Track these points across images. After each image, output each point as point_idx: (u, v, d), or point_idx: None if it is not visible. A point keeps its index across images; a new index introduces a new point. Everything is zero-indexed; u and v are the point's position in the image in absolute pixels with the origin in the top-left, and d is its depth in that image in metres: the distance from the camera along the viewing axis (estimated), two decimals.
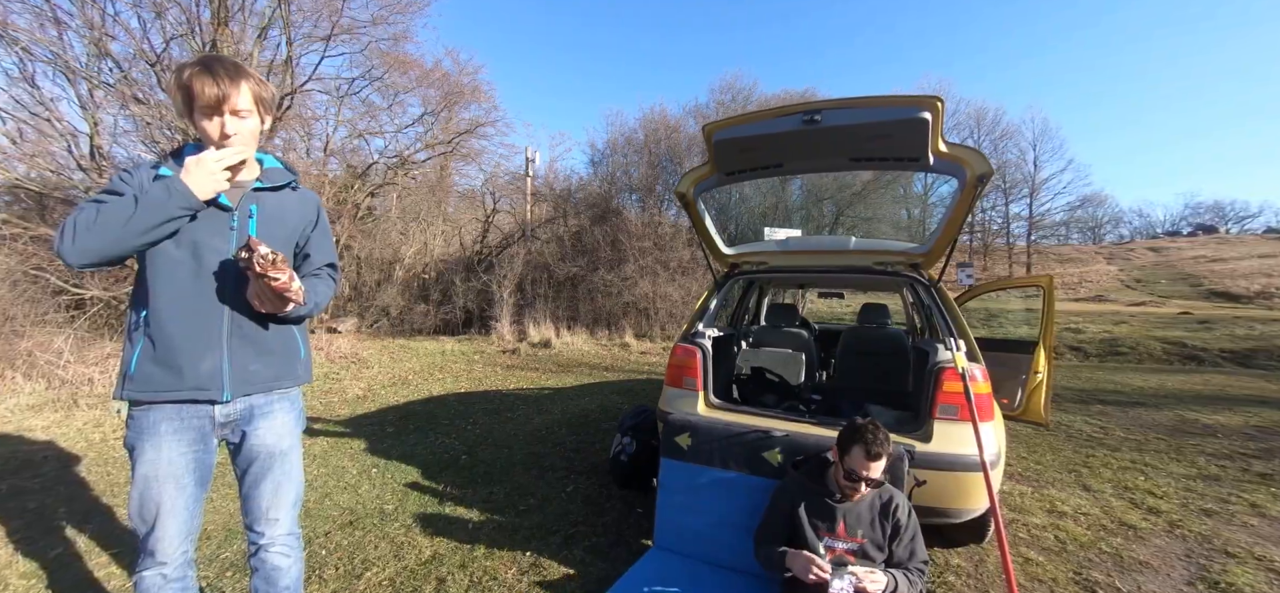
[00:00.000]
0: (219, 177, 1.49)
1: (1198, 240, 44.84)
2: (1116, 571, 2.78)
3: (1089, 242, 48.34)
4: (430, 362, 9.53)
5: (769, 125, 2.44)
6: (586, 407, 6.09)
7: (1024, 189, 40.17)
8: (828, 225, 15.67)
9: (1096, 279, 34.05)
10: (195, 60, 1.53)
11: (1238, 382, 8.72)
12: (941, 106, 2.19)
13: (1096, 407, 6.70)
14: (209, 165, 1.46)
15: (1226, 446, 5.09)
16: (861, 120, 2.27)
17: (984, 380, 2.33)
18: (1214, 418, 6.17)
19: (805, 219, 15.04)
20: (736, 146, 2.61)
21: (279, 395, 1.75)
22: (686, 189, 3.01)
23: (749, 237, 14.28)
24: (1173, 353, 11.20)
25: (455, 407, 6.06)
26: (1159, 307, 21.62)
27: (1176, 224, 56.78)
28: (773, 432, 2.34)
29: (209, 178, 1.47)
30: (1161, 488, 3.94)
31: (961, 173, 2.41)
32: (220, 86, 1.48)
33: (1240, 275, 29.42)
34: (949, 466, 2.24)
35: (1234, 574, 2.80)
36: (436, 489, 3.64)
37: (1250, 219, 53.50)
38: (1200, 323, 14.42)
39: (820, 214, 15.54)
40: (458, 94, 19.31)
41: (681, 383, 2.86)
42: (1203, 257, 36.10)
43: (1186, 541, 3.15)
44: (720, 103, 23.52)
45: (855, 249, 3.17)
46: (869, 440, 1.85)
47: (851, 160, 2.69)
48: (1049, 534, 3.15)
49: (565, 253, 14.26)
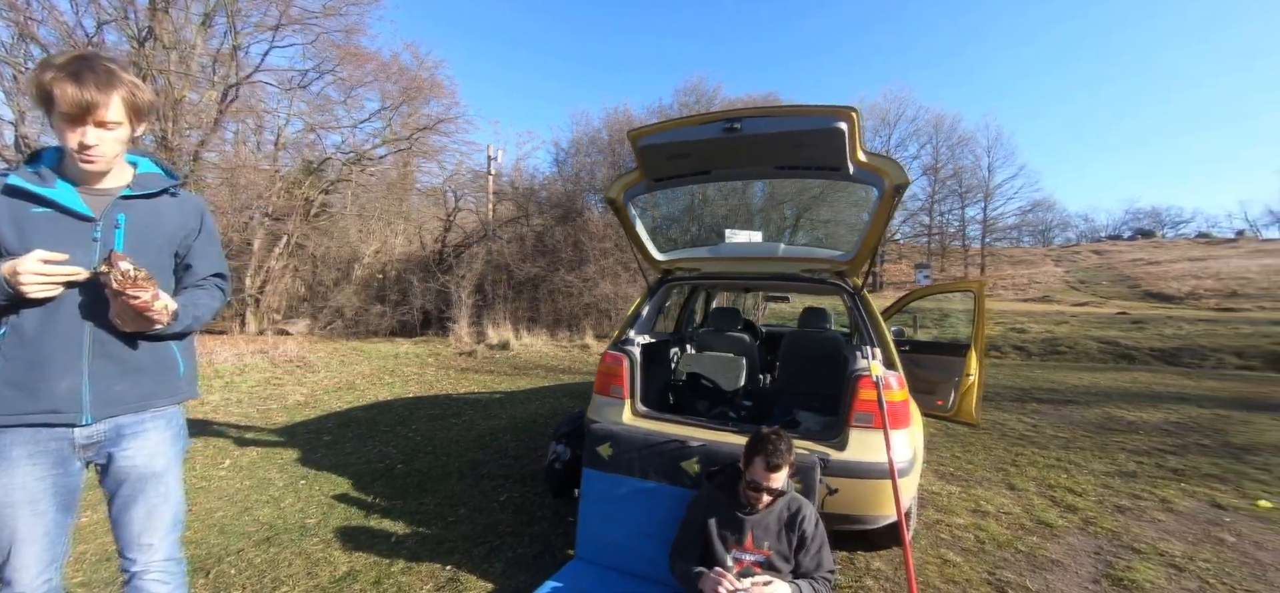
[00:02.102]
0: (46, 287, 1.37)
1: (1136, 244, 47.52)
2: (1028, 570, 2.88)
3: (1038, 244, 50.62)
4: (382, 365, 9.26)
5: (692, 132, 2.43)
6: (536, 411, 6.00)
7: (979, 194, 41.84)
8: (789, 226, 15.95)
9: (1044, 280, 35.67)
10: (63, 60, 1.39)
11: (1163, 379, 9.24)
12: (857, 117, 2.22)
13: (1032, 405, 6.99)
14: (37, 271, 1.34)
15: (1146, 442, 5.37)
16: (781, 129, 2.29)
17: (899, 388, 2.38)
18: (1138, 415, 6.51)
19: (766, 222, 15.27)
20: (663, 153, 2.60)
21: (153, 415, 1.64)
22: (616, 195, 2.99)
23: (712, 239, 14.39)
24: (1107, 352, 11.81)
25: (400, 413, 5.89)
26: (1099, 307, 22.80)
27: (1118, 228, 59.98)
28: (690, 442, 2.33)
29: (35, 284, 1.35)
30: (1081, 485, 4.12)
31: (880, 183, 2.45)
32: (86, 94, 1.36)
33: (1172, 278, 31.29)
34: (863, 473, 2.27)
35: (1137, 570, 2.93)
36: (365, 501, 3.51)
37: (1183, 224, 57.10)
38: (1134, 323, 15.27)
39: (781, 217, 15.80)
40: (417, 89, 18.86)
41: (609, 391, 2.84)
42: (1140, 259, 38.24)
43: (1097, 538, 3.29)
44: (684, 104, 23.61)
45: (784, 256, 3.20)
46: (769, 452, 1.85)
47: (776, 168, 2.71)
48: (970, 534, 3.24)
49: (527, 253, 14.10)
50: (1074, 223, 57.70)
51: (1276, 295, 25.81)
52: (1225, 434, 5.70)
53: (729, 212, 15.37)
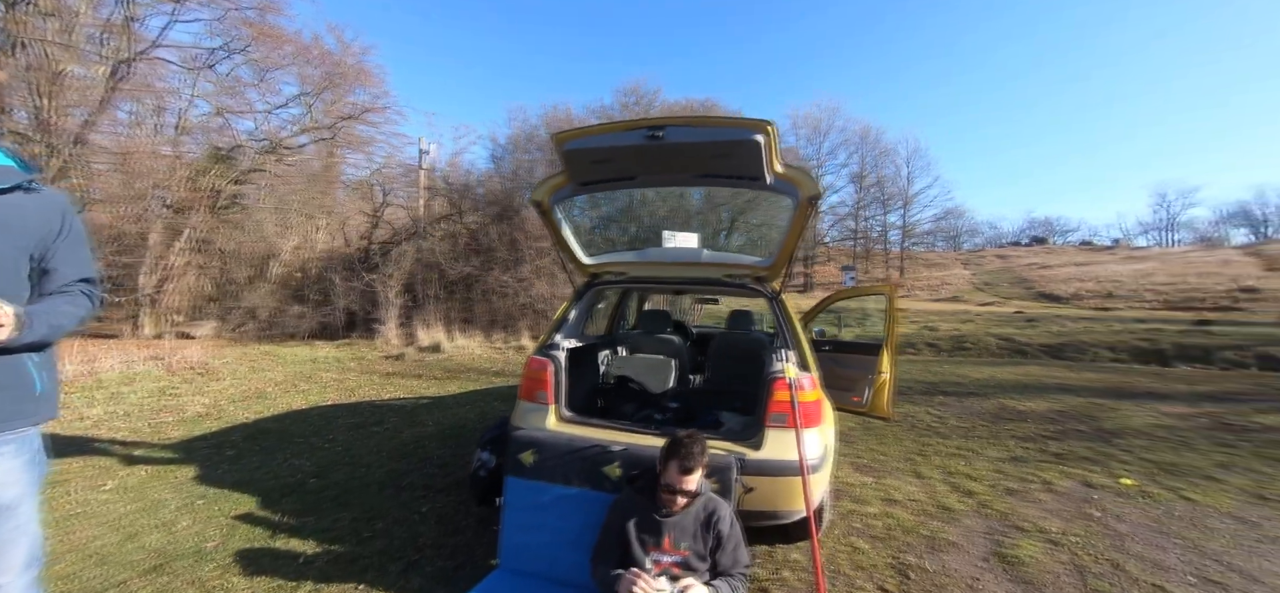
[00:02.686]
0: None
1: (1032, 250, 52.57)
2: (928, 552, 3.12)
3: (950, 248, 54.84)
4: (298, 371, 8.66)
5: (616, 138, 2.45)
6: (466, 416, 5.83)
7: (899, 201, 44.84)
8: (724, 229, 16.41)
9: (954, 282, 38.70)
10: None
11: (1050, 372, 10.28)
12: (774, 131, 2.33)
13: (939, 398, 7.57)
14: None
15: (1033, 429, 5.94)
16: (702, 139, 2.36)
17: (811, 389, 2.52)
18: (1027, 405, 7.20)
19: (703, 224, 15.63)
20: (587, 157, 2.61)
21: (2, 439, 1.46)
22: (542, 198, 2.96)
23: (652, 239, 14.54)
24: (1005, 348, 12.99)
25: (315, 422, 5.54)
26: (1000, 306, 25.03)
27: (1018, 235, 66.03)
28: (612, 446, 2.35)
29: None
30: (978, 472, 4.50)
31: (796, 193, 2.58)
32: None
33: (1061, 280, 34.85)
34: (777, 471, 2.38)
35: (1021, 547, 3.24)
36: (272, 520, 3.28)
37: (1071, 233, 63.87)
38: (1028, 321, 16.89)
39: (718, 220, 16.22)
40: (342, 75, 17.81)
41: (534, 397, 2.81)
42: (1035, 264, 42.33)
43: (989, 519, 3.61)
44: (624, 105, 23.69)
45: (707, 261, 3.31)
46: (683, 456, 1.90)
47: (699, 176, 2.79)
48: (880, 522, 3.47)
49: (460, 252, 13.64)
50: (981, 229, 63.06)
51: (1143, 296, 29.35)
52: (1098, 421, 6.42)
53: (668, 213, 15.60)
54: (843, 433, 5.38)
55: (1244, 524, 3.63)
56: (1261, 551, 3.27)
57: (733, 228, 16.55)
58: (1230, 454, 5.15)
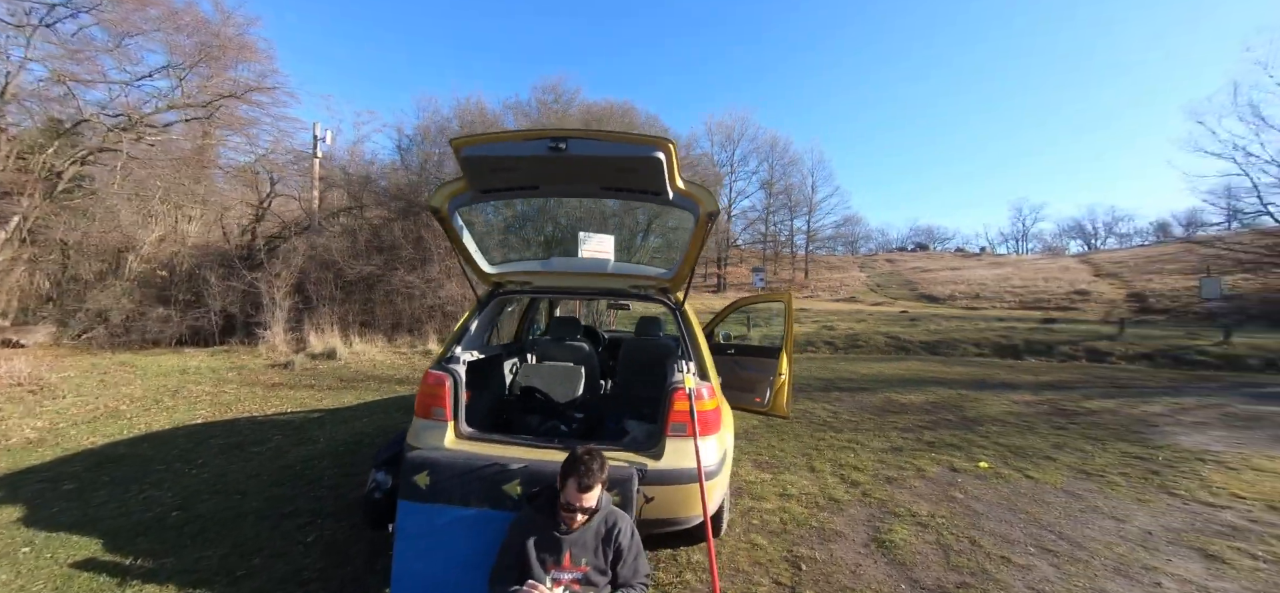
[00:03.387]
0: None
1: (916, 254, 58.31)
2: (818, 543, 3.37)
3: (849, 253, 59.36)
4: (162, 384, 7.64)
5: (516, 147, 2.41)
6: (363, 430, 5.45)
7: (804, 208, 47.85)
8: (641, 230, 16.63)
9: (851, 284, 42.00)
10: None
11: (928, 367, 11.47)
12: (674, 148, 2.40)
13: (834, 394, 8.18)
14: None
15: (911, 420, 6.60)
16: (604, 153, 2.38)
17: (710, 398, 2.63)
18: (907, 398, 7.98)
19: (619, 226, 15.73)
20: (487, 165, 2.54)
21: None
22: (440, 204, 2.84)
23: (568, 240, 14.39)
24: (891, 345, 14.30)
25: (181, 445, 4.92)
26: (889, 307, 27.52)
27: (904, 241, 72.96)
28: (512, 463, 2.31)
29: None
30: (863, 463, 4.92)
31: (696, 209, 2.68)
32: None
33: (939, 283, 38.94)
34: (677, 479, 2.46)
35: (896, 531, 3.58)
36: (121, 564, 2.87)
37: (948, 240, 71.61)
38: (911, 321, 18.72)
39: (635, 222, 16.41)
40: (221, 48, 15.96)
41: (430, 414, 2.69)
42: (918, 267, 46.93)
43: (870, 507, 3.96)
44: (542, 102, 23.26)
45: (613, 272, 3.35)
46: (581, 473, 1.92)
47: (602, 189, 2.81)
48: (776, 517, 3.69)
49: (360, 249, 12.69)
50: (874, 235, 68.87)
51: (1003, 297, 33.58)
52: (963, 410, 7.25)
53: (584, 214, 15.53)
54: (746, 432, 5.66)
55: (1072, 497, 4.26)
56: (1085, 519, 3.86)
57: (649, 229, 16.83)
58: (1063, 436, 6.03)
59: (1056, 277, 37.60)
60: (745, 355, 4.96)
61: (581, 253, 7.59)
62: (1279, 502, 4.21)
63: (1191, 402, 8.16)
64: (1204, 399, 8.43)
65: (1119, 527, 3.75)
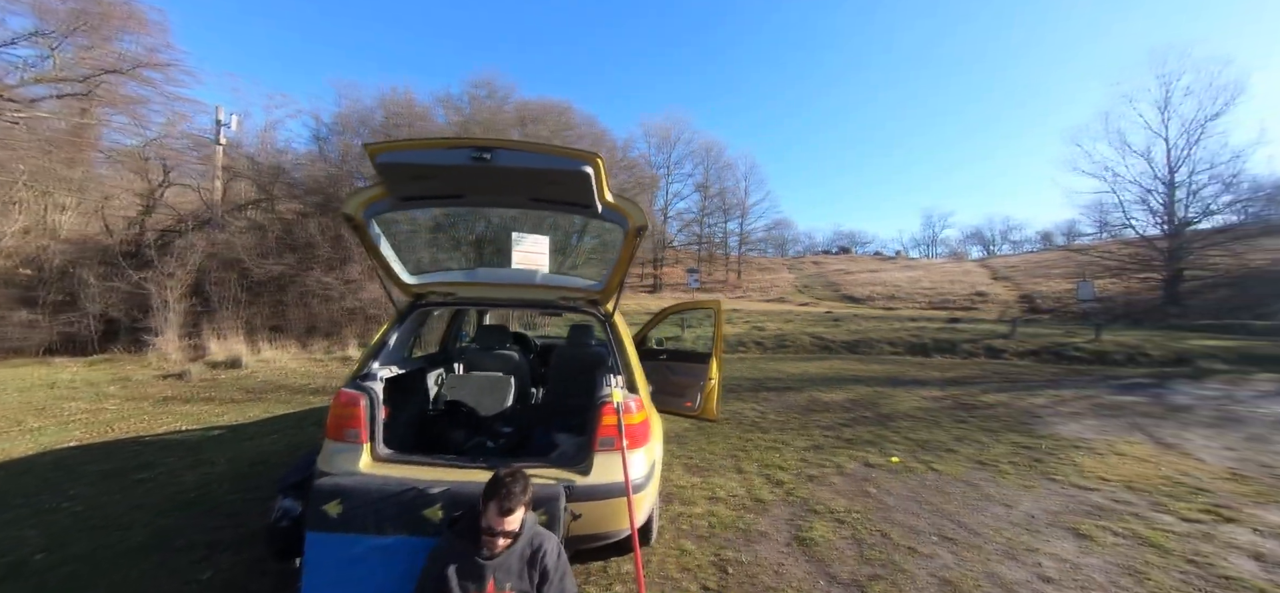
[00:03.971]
0: None
1: (840, 257, 61.77)
2: (744, 545, 3.48)
3: (779, 255, 61.95)
4: (25, 400, 6.70)
5: (438, 156, 2.31)
6: (271, 449, 5.03)
7: (738, 211, 49.42)
8: (577, 231, 16.52)
9: (781, 285, 43.84)
10: None
11: (848, 365, 12.18)
12: (602, 163, 2.39)
13: (763, 394, 8.50)
14: None
15: (832, 418, 6.97)
16: (531, 165, 2.33)
17: (638, 411, 2.64)
18: (829, 396, 8.43)
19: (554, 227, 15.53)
20: (407, 172, 2.41)
21: None
22: (354, 211, 2.66)
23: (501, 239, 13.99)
24: (816, 344, 15.07)
25: (48, 473, 4.33)
26: (815, 307, 28.97)
27: (830, 244, 77.08)
28: (431, 487, 2.21)
29: None
30: (787, 462, 5.14)
31: (625, 223, 2.69)
32: None
33: (860, 284, 41.48)
34: (605, 494, 2.46)
35: (816, 528, 3.76)
36: None
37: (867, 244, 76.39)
38: (834, 321, 19.80)
39: (569, 223, 16.27)
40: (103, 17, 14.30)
41: (343, 436, 2.52)
42: (841, 269, 49.74)
43: (793, 506, 4.14)
44: (474, 98, 22.55)
45: (541, 283, 3.29)
46: (502, 496, 1.87)
47: (530, 200, 2.76)
48: (704, 521, 3.78)
49: (270, 247, 11.71)
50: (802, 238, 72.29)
51: (915, 298, 36.26)
52: (878, 406, 7.76)
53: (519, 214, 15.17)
54: (678, 435, 5.76)
55: (970, 486, 4.66)
56: (981, 507, 4.22)
57: (585, 230, 16.75)
58: (963, 429, 6.59)
59: (960, 279, 41.11)
60: (677, 361, 5.06)
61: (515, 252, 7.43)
62: (1136, 483, 4.81)
63: (1069, 394, 9.18)
64: (1079, 391, 9.51)
65: (1008, 513, 4.14)
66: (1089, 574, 3.24)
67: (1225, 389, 10.21)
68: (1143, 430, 6.73)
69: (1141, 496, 4.51)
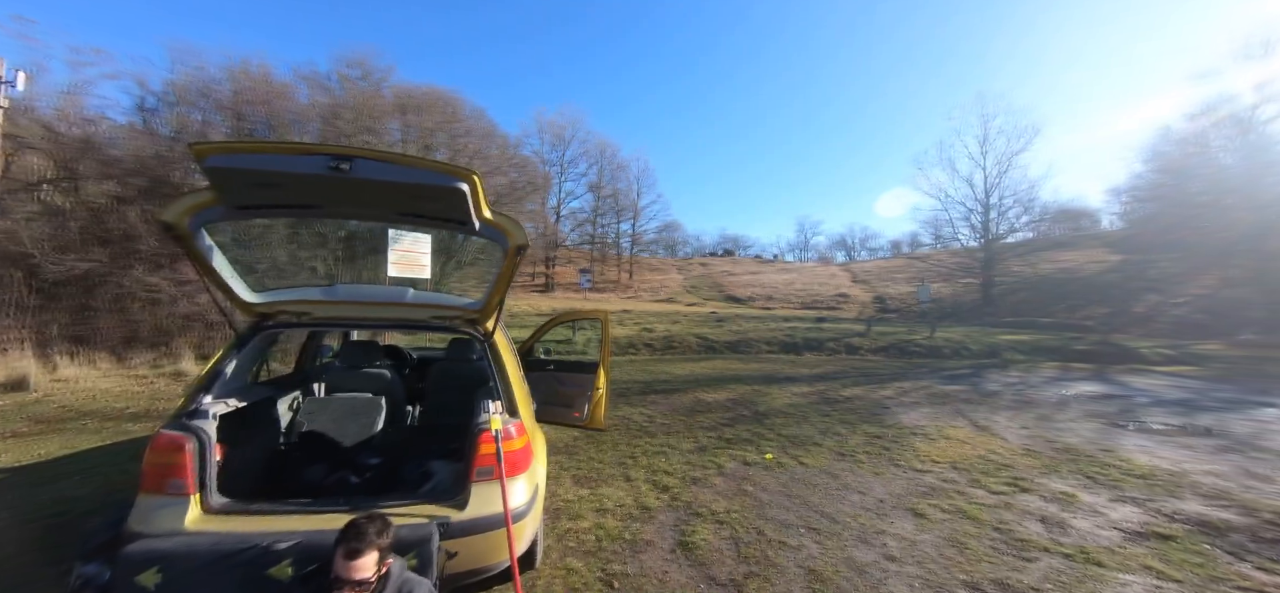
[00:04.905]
0: None
1: (724, 260, 65.44)
2: (630, 556, 3.53)
3: (669, 256, 64.11)
4: None
5: (283, 162, 2.02)
6: (74, 495, 4.14)
7: (630, 212, 50.27)
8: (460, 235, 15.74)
9: (670, 286, 45.39)
10: None
11: (730, 365, 12.93)
12: (479, 181, 2.27)
13: (651, 397, 8.72)
14: None
15: (715, 419, 7.34)
16: (398, 179, 2.14)
17: (519, 436, 2.55)
18: (712, 396, 8.88)
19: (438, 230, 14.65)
20: (246, 178, 2.09)
21: None
22: (176, 220, 2.25)
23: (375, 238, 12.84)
24: (701, 345, 15.81)
25: None
26: (701, 307, 30.38)
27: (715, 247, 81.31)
28: (279, 541, 1.95)
29: None
30: (673, 466, 5.31)
31: (505, 241, 2.58)
32: None
33: (742, 285, 44.26)
34: (485, 527, 2.34)
35: (697, 531, 3.93)
36: None
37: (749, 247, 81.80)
38: (718, 321, 20.92)
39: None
40: None
41: (164, 488, 2.13)
42: (726, 271, 52.70)
43: (677, 511, 4.29)
44: (345, 78, 20.51)
45: (412, 302, 3.05)
46: (349, 539, 1.72)
47: (397, 215, 2.56)
48: (592, 536, 3.77)
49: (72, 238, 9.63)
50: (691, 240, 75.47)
51: (790, 300, 39.51)
52: (756, 405, 8.32)
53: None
54: (567, 446, 5.71)
55: (831, 477, 5.15)
56: (841, 496, 4.69)
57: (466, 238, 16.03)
58: (827, 422, 7.30)
59: (827, 282, 45.56)
60: (565, 371, 5.01)
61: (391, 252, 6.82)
62: (959, 463, 5.65)
63: (909, 385, 10.57)
64: (917, 383, 10.99)
65: (862, 499, 4.65)
66: (923, 550, 3.74)
67: (1022, 377, 12.43)
68: (964, 416, 7.95)
69: (963, 473, 5.32)
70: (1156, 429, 7.38)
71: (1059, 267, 36.27)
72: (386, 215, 2.57)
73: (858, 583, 3.31)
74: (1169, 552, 3.73)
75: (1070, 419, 7.92)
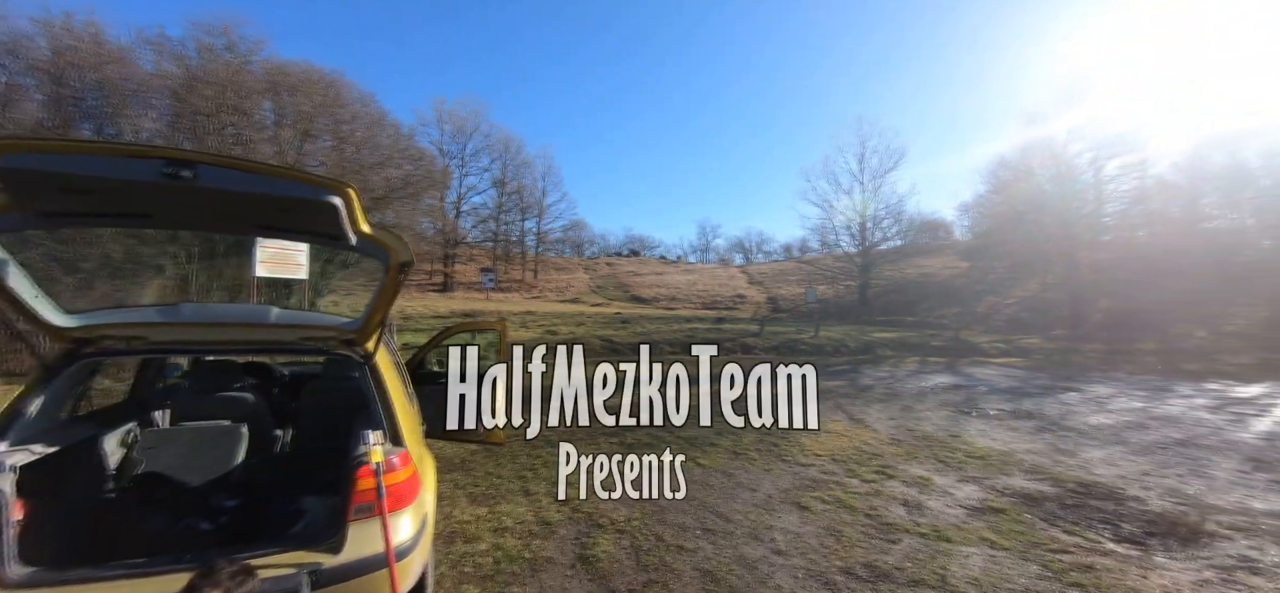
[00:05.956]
0: None
1: (630, 260, 66.32)
2: (530, 575, 3.45)
3: (575, 255, 63.66)
4: None
5: (104, 165, 1.67)
6: None
7: (535, 210, 49.19)
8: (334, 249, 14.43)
9: (576, 286, 45.12)
10: None
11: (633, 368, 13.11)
12: (355, 195, 2.06)
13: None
14: None
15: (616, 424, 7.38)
16: (255, 189, 1.88)
17: (403, 467, 2.36)
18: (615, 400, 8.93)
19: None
20: (50, 182, 1.71)
21: None
22: None
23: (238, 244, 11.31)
24: (605, 347, 15.89)
25: None
26: (607, 307, 30.53)
27: (621, 247, 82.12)
28: None
29: None
30: (575, 478, 5.26)
31: (386, 257, 2.38)
32: None
33: (647, 286, 45.12)
34: (365, 569, 2.13)
35: (599, 543, 3.93)
36: None
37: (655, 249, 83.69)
38: (623, 322, 21.15)
39: None
40: None
41: None
42: (632, 271, 53.42)
43: (578, 523, 4.26)
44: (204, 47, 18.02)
45: (277, 322, 2.71)
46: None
47: (256, 227, 2.27)
48: (489, 558, 3.63)
49: None
50: (597, 240, 75.52)
51: (692, 300, 40.96)
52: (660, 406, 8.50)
53: None
54: (463, 462, 5.45)
55: (727, 477, 5.40)
56: (735, 495, 4.92)
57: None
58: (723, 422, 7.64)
59: (726, 284, 47.82)
60: None
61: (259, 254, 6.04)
62: (837, 455, 6.18)
63: None
64: None
65: (753, 496, 4.92)
66: (806, 541, 4.05)
67: (891, 372, 13.92)
68: (842, 410, 8.72)
69: (840, 465, 5.82)
70: (992, 415, 8.61)
71: (922, 271, 41.22)
72: (242, 227, 2.27)
73: (748, 579, 3.50)
74: (1001, 523, 4.35)
75: (928, 409, 8.99)
